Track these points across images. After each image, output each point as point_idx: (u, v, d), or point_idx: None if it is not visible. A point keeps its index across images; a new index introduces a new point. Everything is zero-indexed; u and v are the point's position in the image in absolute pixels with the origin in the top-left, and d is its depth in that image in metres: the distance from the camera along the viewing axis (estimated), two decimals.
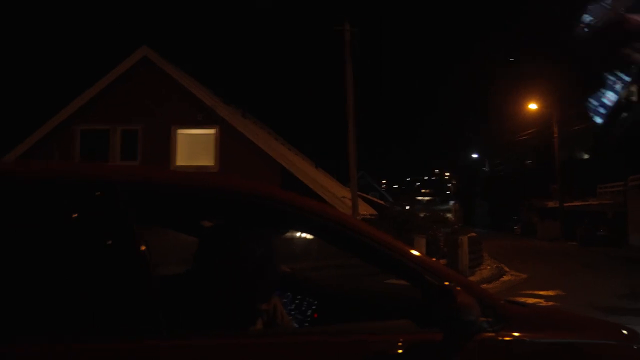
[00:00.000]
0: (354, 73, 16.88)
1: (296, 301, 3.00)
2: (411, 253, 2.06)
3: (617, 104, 50.28)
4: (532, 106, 40.52)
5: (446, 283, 1.95)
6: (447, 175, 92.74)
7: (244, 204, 2.01)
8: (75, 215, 1.76)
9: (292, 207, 1.99)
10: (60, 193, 1.78)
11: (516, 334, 2.04)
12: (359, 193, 19.17)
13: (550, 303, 11.01)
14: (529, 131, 45.13)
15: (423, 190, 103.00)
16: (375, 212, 23.96)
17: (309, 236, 14.38)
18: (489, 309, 2.03)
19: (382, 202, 35.05)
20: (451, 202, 70.67)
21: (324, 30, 17.58)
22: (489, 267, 18.85)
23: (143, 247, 1.76)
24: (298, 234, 15.67)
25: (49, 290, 1.70)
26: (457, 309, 1.84)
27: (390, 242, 2.05)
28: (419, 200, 66.75)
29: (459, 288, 1.92)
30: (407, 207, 29.07)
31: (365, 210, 21.84)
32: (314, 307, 2.85)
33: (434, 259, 2.19)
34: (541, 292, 12.70)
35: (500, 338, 2.00)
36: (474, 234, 22.52)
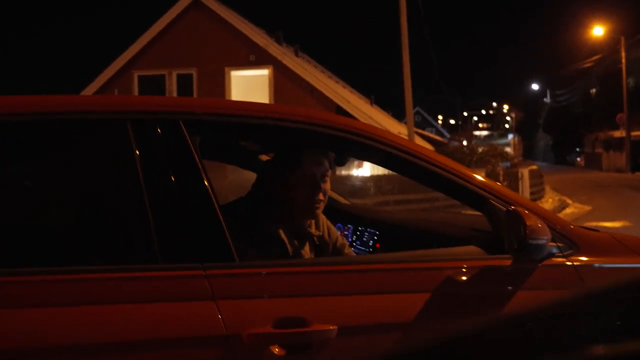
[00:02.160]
0: (409, 2, 16.32)
1: (357, 232, 3.02)
2: (476, 177, 2.01)
3: None
4: (598, 31, 38.37)
5: (513, 207, 1.90)
6: (506, 109, 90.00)
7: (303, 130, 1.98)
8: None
9: (352, 133, 1.96)
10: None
11: (587, 259, 1.98)
12: (415, 129, 18.89)
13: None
14: (593, 58, 42.96)
15: (481, 125, 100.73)
16: (432, 148, 23.66)
17: (372, 172, 14.42)
18: (558, 233, 1.97)
19: (439, 138, 34.53)
20: (510, 136, 68.88)
21: None
22: (550, 200, 18.45)
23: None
24: (360, 172, 15.73)
25: (128, 220, 1.76)
26: (526, 233, 1.79)
27: (453, 167, 2.00)
28: (476, 135, 65.30)
29: (527, 212, 1.87)
30: (465, 142, 28.55)
31: None
32: (375, 237, 2.85)
33: (498, 184, 2.12)
34: (606, 224, 12.36)
35: (571, 263, 1.95)
36: (534, 167, 22.01)
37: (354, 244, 3.00)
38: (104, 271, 1.62)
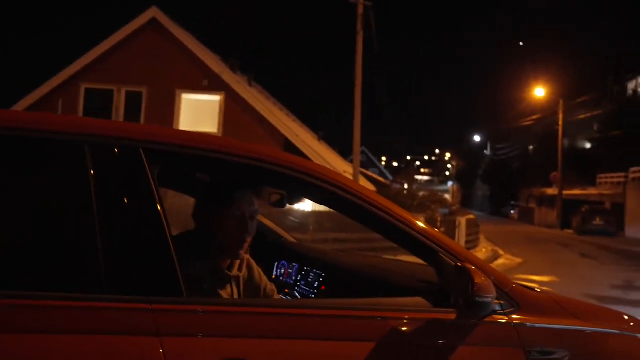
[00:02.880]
0: (364, 48, 16.71)
1: (303, 272, 3.00)
2: (428, 229, 2.05)
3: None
4: (539, 92, 40.20)
5: (462, 263, 1.94)
6: (448, 157, 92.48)
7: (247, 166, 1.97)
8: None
9: (313, 177, 1.96)
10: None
11: (527, 318, 2.03)
12: (360, 169, 19.14)
13: (544, 289, 11.04)
14: (534, 117, 44.91)
15: (423, 170, 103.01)
16: (374, 189, 23.99)
17: (318, 209, 14.43)
18: (501, 291, 2.02)
19: (381, 179, 35.06)
20: (450, 183, 70.68)
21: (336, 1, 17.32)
22: (484, 250, 18.94)
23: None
24: (301, 207, 15.72)
25: (76, 245, 1.69)
26: (474, 290, 1.83)
27: (407, 217, 2.03)
28: (418, 179, 66.70)
29: (475, 269, 1.91)
30: (406, 186, 29.09)
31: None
32: (321, 279, 2.84)
33: (448, 238, 2.17)
34: (535, 278, 12.76)
35: (512, 322, 2.00)
36: (472, 216, 22.60)
37: (299, 283, 2.98)
38: (45, 298, 1.55)
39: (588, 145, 45.64)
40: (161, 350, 1.55)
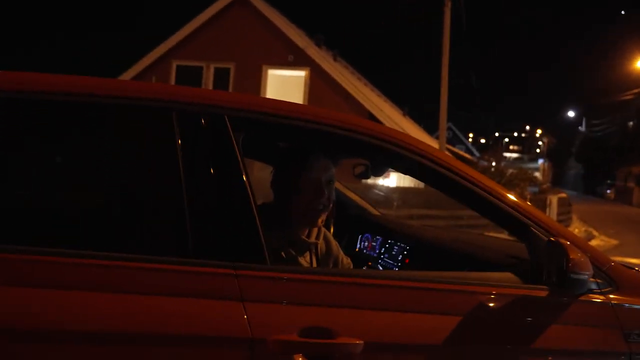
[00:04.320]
0: (452, 23, 16.22)
1: (386, 245, 2.97)
2: (520, 203, 1.95)
3: None
4: None
5: (556, 238, 1.84)
6: (538, 133, 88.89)
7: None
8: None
9: (388, 142, 1.92)
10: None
11: (625, 298, 1.91)
12: (446, 145, 18.74)
13: None
14: (634, 91, 42.20)
15: (512, 147, 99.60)
16: None
17: (398, 184, 14.27)
18: (598, 269, 1.91)
19: (468, 156, 34.21)
20: (540, 161, 67.98)
21: None
22: (577, 230, 18.15)
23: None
24: (386, 182, 15.62)
25: (164, 212, 1.74)
26: (569, 267, 1.73)
27: (499, 191, 1.95)
28: (506, 157, 64.55)
29: (569, 243, 1.81)
30: (494, 163, 28.23)
31: None
32: (405, 252, 2.80)
33: (541, 212, 2.06)
34: (633, 260, 12.09)
35: (610, 301, 1.88)
36: (563, 195, 21.69)
37: (382, 256, 2.95)
38: (134, 260, 1.60)
39: None
40: (245, 316, 1.57)
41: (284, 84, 18.12)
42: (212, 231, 1.68)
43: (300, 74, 17.87)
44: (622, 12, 54.69)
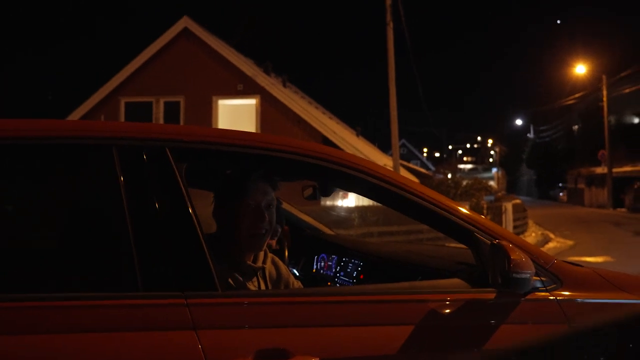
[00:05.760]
0: (396, 38, 16.58)
1: (341, 263, 3.00)
2: (461, 210, 2.02)
3: None
4: (580, 70, 39.09)
5: (498, 241, 1.90)
6: (490, 143, 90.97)
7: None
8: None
9: (342, 165, 1.96)
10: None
11: (570, 294, 1.98)
12: (401, 161, 19.01)
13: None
14: (576, 95, 43.71)
15: (466, 159, 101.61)
16: (417, 181, 23.75)
17: (357, 203, 14.36)
18: (542, 268, 1.98)
19: (424, 170, 34.74)
20: (494, 170, 69.50)
21: None
22: (534, 234, 18.56)
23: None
24: (345, 203, 15.71)
25: (110, 246, 1.73)
26: (510, 267, 1.79)
27: (440, 200, 2.01)
28: (461, 168, 65.76)
29: (511, 245, 1.87)
30: (449, 175, 28.72)
31: None
32: (359, 268, 2.84)
33: (483, 217, 2.13)
34: (589, 259, 12.43)
35: (554, 297, 1.95)
36: (518, 201, 22.17)
37: (338, 274, 2.98)
38: (83, 298, 1.59)
39: (636, 120, 44.17)
40: (199, 345, 1.57)
41: (235, 113, 18.13)
42: (160, 263, 1.68)
43: (251, 102, 17.93)
44: (558, 22, 56.79)
